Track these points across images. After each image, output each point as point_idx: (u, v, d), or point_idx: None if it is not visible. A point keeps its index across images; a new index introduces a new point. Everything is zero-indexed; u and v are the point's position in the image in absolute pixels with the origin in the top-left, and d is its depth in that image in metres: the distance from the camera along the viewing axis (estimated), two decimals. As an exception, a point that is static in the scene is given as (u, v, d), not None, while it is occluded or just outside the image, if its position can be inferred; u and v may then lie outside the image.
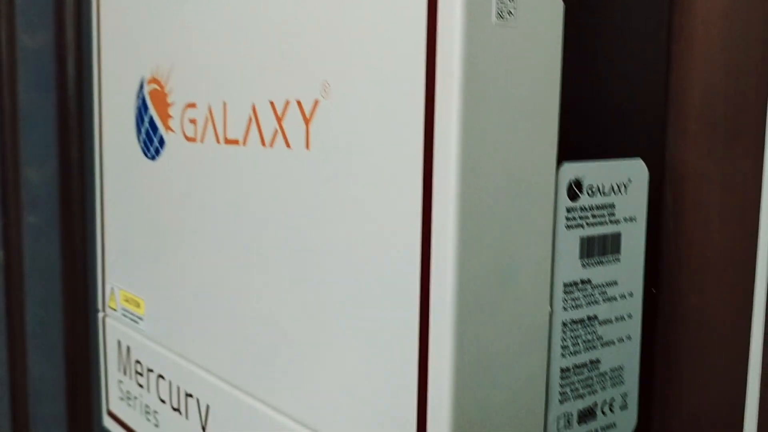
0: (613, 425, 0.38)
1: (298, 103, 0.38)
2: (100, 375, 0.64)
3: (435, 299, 0.32)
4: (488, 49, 0.30)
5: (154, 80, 0.52)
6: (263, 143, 0.41)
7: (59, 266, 1.02)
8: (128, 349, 0.58)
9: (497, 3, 0.31)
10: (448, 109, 0.30)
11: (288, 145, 0.39)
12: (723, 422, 0.37)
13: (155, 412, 0.55)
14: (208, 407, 0.48)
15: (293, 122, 0.39)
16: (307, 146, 0.38)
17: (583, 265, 0.36)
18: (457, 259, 0.31)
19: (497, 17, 0.31)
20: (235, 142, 0.43)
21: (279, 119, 0.39)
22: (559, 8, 0.33)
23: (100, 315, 0.63)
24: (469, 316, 0.31)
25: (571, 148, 0.34)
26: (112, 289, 0.60)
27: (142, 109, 0.54)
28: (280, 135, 0.40)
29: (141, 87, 0.54)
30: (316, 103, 0.37)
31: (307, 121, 0.38)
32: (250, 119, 0.42)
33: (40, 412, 1.05)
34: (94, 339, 1.01)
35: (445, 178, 0.31)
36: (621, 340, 0.38)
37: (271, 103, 0.40)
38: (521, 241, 0.33)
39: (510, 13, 0.31)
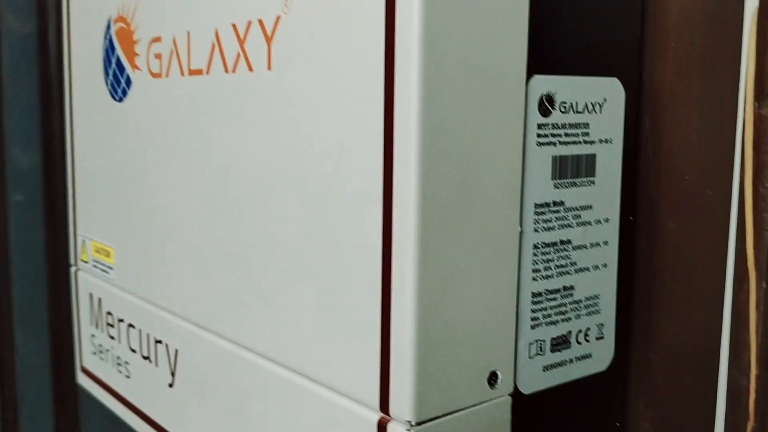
0: (588, 356, 0.37)
1: (260, 22, 0.36)
2: (74, 331, 0.62)
3: (398, 215, 0.30)
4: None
5: (121, 18, 0.50)
6: (226, 69, 0.39)
7: (44, 243, 1.01)
8: (99, 301, 0.57)
9: None
10: (409, 14, 0.29)
11: (250, 68, 0.37)
12: (701, 354, 0.36)
13: (126, 363, 0.53)
14: (176, 352, 0.46)
15: (255, 43, 0.37)
16: (269, 66, 0.36)
17: (556, 186, 0.34)
18: (419, 171, 0.29)
19: None
20: (199, 72, 0.42)
21: (241, 42, 0.38)
22: None
23: (72, 269, 0.61)
24: (433, 233, 0.30)
25: (543, 62, 0.33)
26: (83, 241, 0.59)
27: (109, 50, 0.52)
28: (242, 59, 0.38)
29: (108, 27, 0.52)
30: (277, 19, 0.35)
31: (268, 39, 0.36)
32: (213, 46, 0.40)
33: (27, 390, 1.04)
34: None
35: (407, 88, 0.29)
36: (596, 267, 0.36)
37: (234, 26, 0.38)
38: (489, 155, 0.31)
39: None
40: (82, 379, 0.61)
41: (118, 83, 0.51)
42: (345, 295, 0.33)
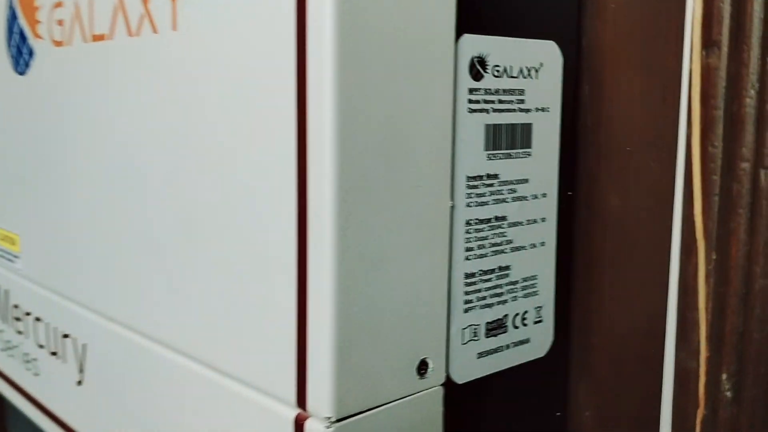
0: (526, 341, 0.34)
1: (164, -22, 0.33)
2: (-19, 326, 0.57)
3: (313, 190, 0.27)
4: None
5: (21, -17, 0.46)
6: (130, 32, 0.35)
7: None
8: (6, 293, 0.52)
9: None
10: (324, -38, 0.26)
11: (154, 30, 0.34)
12: (647, 336, 0.34)
13: (34, 359, 0.49)
14: (84, 346, 0.42)
15: (159, 2, 0.33)
16: (174, 26, 0.33)
17: (489, 157, 0.31)
18: (335, 139, 0.26)
19: None
20: (101, 37, 0.38)
21: (145, 1, 0.34)
22: None
23: (-21, 259, 0.56)
24: (353, 209, 0.27)
25: (474, 21, 0.30)
26: (-10, 228, 0.54)
27: (11, 19, 0.48)
28: (146, 20, 0.34)
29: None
30: (182, -25, 0.32)
31: (172, -3, 0.32)
32: (116, 8, 0.36)
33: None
34: None
35: (321, 49, 0.26)
36: (533, 245, 0.34)
37: (137, -15, 0.35)
38: (415, 122, 0.28)
39: None
40: (-8, 379, 0.57)
41: (20, 54, 0.47)
42: (257, 281, 0.30)
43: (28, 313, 0.49)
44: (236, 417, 0.31)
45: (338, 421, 0.27)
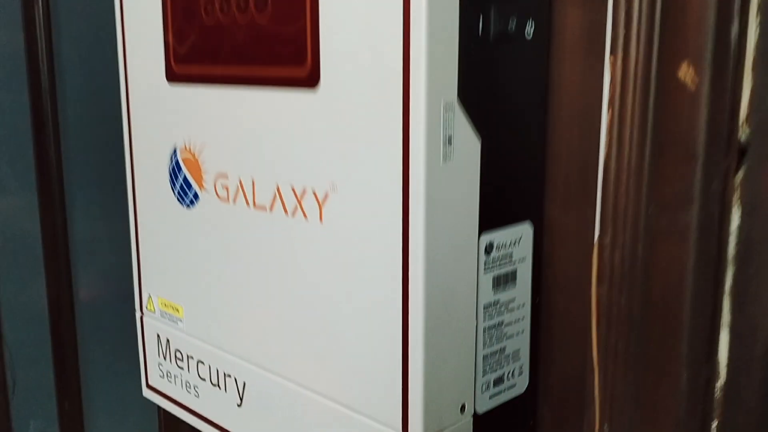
0: (514, 386, 0.62)
1: (314, 193, 0.59)
2: (140, 355, 0.83)
3: (413, 315, 0.54)
4: (438, 182, 0.52)
5: (187, 151, 0.71)
6: (286, 213, 0.62)
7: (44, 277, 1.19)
8: (168, 341, 0.78)
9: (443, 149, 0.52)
10: (416, 221, 0.52)
11: (305, 216, 0.60)
12: (580, 381, 0.61)
13: (195, 386, 0.76)
14: (244, 384, 0.69)
15: (309, 203, 0.59)
16: (321, 219, 0.59)
17: (494, 292, 0.59)
18: (425, 300, 0.53)
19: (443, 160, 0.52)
20: (263, 208, 0.64)
21: (299, 200, 0.60)
22: (476, 146, 0.55)
23: (138, 315, 0.82)
24: (433, 325, 0.54)
25: (486, 223, 0.57)
26: (149, 295, 0.80)
27: (175, 169, 0.73)
28: (299, 209, 0.60)
29: (174, 152, 0.73)
30: (326, 194, 0.58)
31: (320, 204, 0.59)
32: (275, 195, 0.62)
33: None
34: (81, 327, 1.19)
35: (417, 248, 0.53)
36: (518, 333, 0.61)
37: (292, 188, 0.61)
38: (459, 282, 0.55)
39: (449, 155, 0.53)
40: (149, 394, 0.83)
41: (185, 195, 0.72)
42: (371, 347, 0.57)
43: (190, 357, 0.75)
44: (362, 433, 0.59)
45: (423, 437, 0.54)
